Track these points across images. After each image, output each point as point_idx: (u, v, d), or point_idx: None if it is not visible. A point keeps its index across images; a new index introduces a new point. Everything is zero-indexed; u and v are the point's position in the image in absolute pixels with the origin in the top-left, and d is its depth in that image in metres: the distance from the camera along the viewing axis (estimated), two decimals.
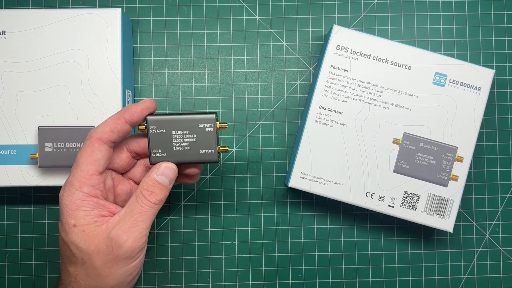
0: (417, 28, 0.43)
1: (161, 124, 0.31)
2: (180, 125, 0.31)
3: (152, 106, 0.31)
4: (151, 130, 0.31)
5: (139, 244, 0.29)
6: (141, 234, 0.29)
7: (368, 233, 0.42)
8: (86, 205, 0.29)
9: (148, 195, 0.30)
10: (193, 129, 0.31)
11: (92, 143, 0.29)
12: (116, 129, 0.30)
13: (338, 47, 0.38)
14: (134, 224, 0.29)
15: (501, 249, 0.42)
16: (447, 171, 0.38)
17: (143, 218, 0.29)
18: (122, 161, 0.32)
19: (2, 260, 0.41)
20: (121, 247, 0.29)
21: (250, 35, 0.42)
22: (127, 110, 0.30)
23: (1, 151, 0.37)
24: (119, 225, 0.29)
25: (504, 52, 0.43)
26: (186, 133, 0.31)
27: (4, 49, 0.37)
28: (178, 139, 0.31)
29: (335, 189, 0.38)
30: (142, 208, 0.29)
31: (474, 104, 0.38)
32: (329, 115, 0.38)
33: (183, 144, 0.31)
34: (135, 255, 0.30)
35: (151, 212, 0.30)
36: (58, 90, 0.37)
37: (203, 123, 0.31)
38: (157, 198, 0.30)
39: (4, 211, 0.41)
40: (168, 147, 0.31)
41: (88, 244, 0.29)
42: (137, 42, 0.42)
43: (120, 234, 0.29)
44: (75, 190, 0.29)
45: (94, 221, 0.29)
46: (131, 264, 0.30)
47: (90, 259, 0.29)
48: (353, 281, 0.42)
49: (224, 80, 0.42)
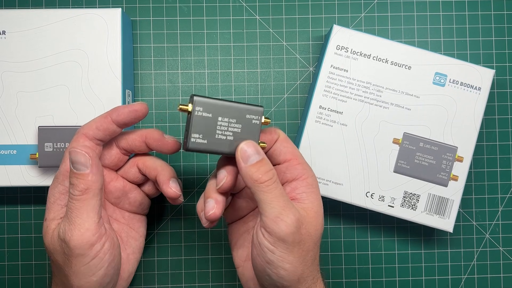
0: (417, 28, 0.43)
1: (208, 108, 0.28)
2: (228, 112, 0.29)
3: (142, 109, 0.30)
4: (197, 112, 0.28)
5: (85, 241, 0.27)
6: (82, 230, 0.27)
7: (368, 233, 0.42)
8: (62, 199, 0.29)
9: (70, 189, 0.28)
10: (240, 119, 0.29)
11: (78, 138, 0.29)
12: (102, 127, 0.29)
13: (338, 47, 0.38)
14: (71, 222, 0.27)
15: (501, 249, 0.42)
16: (447, 171, 0.38)
17: (76, 214, 0.27)
18: (112, 157, 0.32)
19: (2, 260, 0.41)
20: (68, 246, 0.27)
21: (250, 35, 0.42)
22: (114, 110, 0.30)
23: (1, 151, 0.37)
24: (63, 223, 0.27)
25: (504, 52, 0.43)
26: (232, 122, 0.29)
27: (4, 49, 0.37)
28: (223, 127, 0.29)
29: (335, 189, 0.38)
30: (71, 203, 0.27)
31: (474, 104, 0.38)
32: (329, 115, 0.38)
33: (227, 133, 0.29)
34: (85, 251, 0.27)
35: (81, 205, 0.27)
36: (58, 90, 0.37)
37: (251, 114, 0.29)
38: (78, 189, 0.27)
39: (4, 211, 0.41)
40: (211, 133, 0.28)
41: (49, 242, 0.28)
42: (137, 42, 0.42)
43: (64, 232, 0.27)
44: (58, 183, 0.29)
45: (61, 217, 0.28)
46: (90, 262, 0.28)
47: (54, 257, 0.28)
48: (353, 281, 0.42)
49: (224, 80, 0.42)
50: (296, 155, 0.31)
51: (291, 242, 0.28)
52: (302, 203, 0.30)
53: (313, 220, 0.29)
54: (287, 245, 0.28)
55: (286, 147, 0.31)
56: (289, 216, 0.27)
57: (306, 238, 0.29)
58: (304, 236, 0.28)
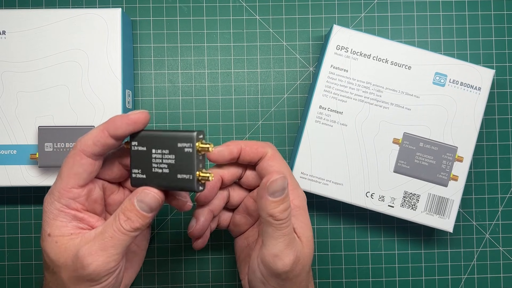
0: (417, 28, 0.43)
1: (142, 141, 0.27)
2: (160, 143, 0.27)
3: (141, 120, 0.27)
4: (133, 147, 0.27)
5: (106, 269, 0.27)
6: (109, 259, 0.26)
7: (368, 233, 0.42)
8: (63, 216, 0.28)
9: (123, 221, 0.27)
10: (172, 149, 0.27)
11: (75, 155, 0.27)
12: (100, 142, 0.27)
13: (338, 47, 0.38)
14: (102, 248, 0.26)
15: (501, 249, 0.42)
16: (447, 171, 0.38)
17: (113, 244, 0.26)
18: (114, 173, 0.30)
19: (2, 260, 0.41)
20: (84, 269, 0.26)
21: (250, 35, 0.42)
22: (111, 123, 0.27)
23: (1, 151, 0.37)
24: (88, 244, 0.27)
25: (504, 52, 0.43)
26: (165, 153, 0.27)
27: (4, 49, 0.37)
28: (158, 159, 0.27)
29: (335, 189, 0.38)
30: (114, 233, 0.26)
31: (474, 104, 0.38)
32: (329, 115, 0.38)
33: (162, 166, 0.27)
34: (100, 279, 0.27)
35: (124, 238, 0.27)
36: (58, 90, 0.37)
37: (182, 142, 0.27)
38: (132, 226, 0.27)
39: (4, 211, 0.41)
40: (148, 167, 0.27)
41: (58, 257, 0.27)
42: (137, 42, 0.42)
43: (86, 255, 0.26)
44: (54, 200, 0.27)
45: (69, 233, 0.27)
46: (96, 286, 0.27)
47: (59, 271, 0.27)
48: (353, 281, 0.42)
49: (224, 80, 0.42)
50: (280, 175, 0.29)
51: (284, 278, 0.28)
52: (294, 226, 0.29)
53: (306, 248, 0.29)
54: (280, 281, 0.28)
55: (271, 166, 0.30)
56: (289, 255, 0.27)
57: (300, 272, 0.29)
58: (298, 271, 0.29)
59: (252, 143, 0.31)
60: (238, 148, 0.30)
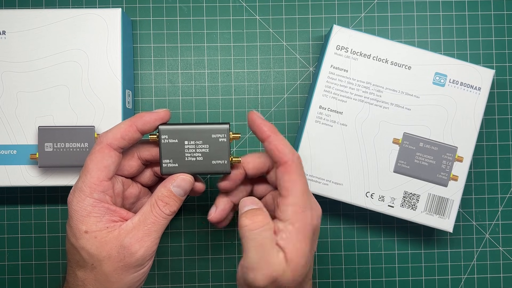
0: (417, 28, 0.43)
1: (173, 134, 0.31)
2: (193, 135, 0.31)
3: (166, 117, 0.30)
4: (163, 140, 0.31)
5: (150, 253, 0.29)
6: (153, 243, 0.29)
7: (368, 233, 0.42)
8: (97, 211, 0.29)
9: (162, 206, 0.30)
10: (206, 140, 0.31)
11: (103, 148, 0.29)
12: (127, 136, 0.29)
13: (338, 47, 0.38)
14: (147, 234, 0.29)
15: (501, 249, 0.42)
16: (447, 171, 0.38)
17: (156, 228, 0.29)
18: (133, 168, 0.32)
19: (2, 260, 0.41)
20: (133, 256, 0.29)
21: (250, 35, 0.42)
22: (140, 118, 0.30)
23: (1, 151, 0.37)
24: (132, 233, 0.29)
25: (504, 52, 0.43)
26: (198, 143, 0.31)
27: (4, 49, 0.37)
28: (191, 149, 0.31)
29: (335, 189, 0.38)
30: (156, 218, 0.29)
31: (474, 104, 0.38)
32: (329, 115, 0.38)
33: (196, 155, 0.31)
34: (145, 263, 0.30)
35: (164, 222, 0.30)
36: (58, 90, 0.37)
37: (216, 133, 0.31)
38: (171, 209, 0.30)
39: (4, 211, 0.41)
40: (180, 157, 0.31)
41: (99, 250, 0.28)
42: (137, 42, 0.42)
43: (133, 243, 0.29)
44: (86, 196, 0.29)
45: (105, 227, 0.29)
46: (140, 271, 0.30)
47: (100, 264, 0.29)
48: (353, 281, 0.42)
49: (224, 80, 0.42)
50: (290, 193, 0.29)
51: None
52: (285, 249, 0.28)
53: (290, 273, 0.28)
54: None
55: (285, 182, 0.29)
56: (261, 270, 0.27)
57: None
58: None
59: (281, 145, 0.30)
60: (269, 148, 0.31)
